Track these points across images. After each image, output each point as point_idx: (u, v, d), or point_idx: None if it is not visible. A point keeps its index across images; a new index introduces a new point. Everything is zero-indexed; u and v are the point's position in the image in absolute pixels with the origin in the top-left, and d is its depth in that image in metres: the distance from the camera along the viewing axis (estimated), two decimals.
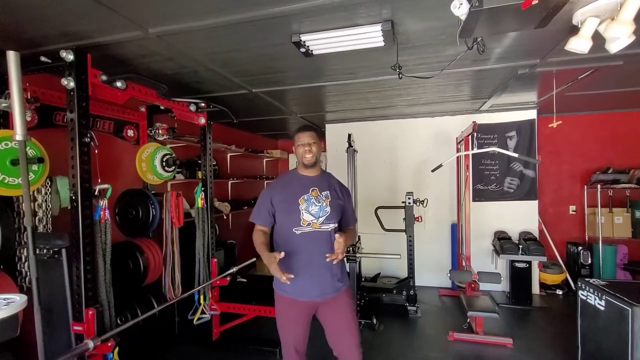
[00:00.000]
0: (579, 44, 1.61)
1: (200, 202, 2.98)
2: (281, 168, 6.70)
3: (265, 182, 5.83)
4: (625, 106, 4.24)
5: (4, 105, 1.80)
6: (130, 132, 2.92)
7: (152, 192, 2.94)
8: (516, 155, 3.49)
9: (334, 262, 1.73)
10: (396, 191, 4.56)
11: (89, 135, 1.88)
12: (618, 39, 1.50)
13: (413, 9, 1.68)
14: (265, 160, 6.26)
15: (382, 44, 2.01)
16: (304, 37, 1.92)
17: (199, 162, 3.25)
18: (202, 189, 3.03)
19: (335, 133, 4.86)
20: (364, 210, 4.34)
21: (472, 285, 3.62)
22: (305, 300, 1.77)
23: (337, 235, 1.68)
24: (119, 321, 2.25)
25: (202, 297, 2.93)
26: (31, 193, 2.02)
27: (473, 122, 3.43)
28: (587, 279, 2.40)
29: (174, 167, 3.03)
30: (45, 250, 2.08)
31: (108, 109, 2.70)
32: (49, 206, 2.19)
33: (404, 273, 3.97)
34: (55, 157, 2.00)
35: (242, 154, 5.17)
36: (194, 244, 2.95)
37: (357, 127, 4.58)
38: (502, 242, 3.87)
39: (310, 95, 3.38)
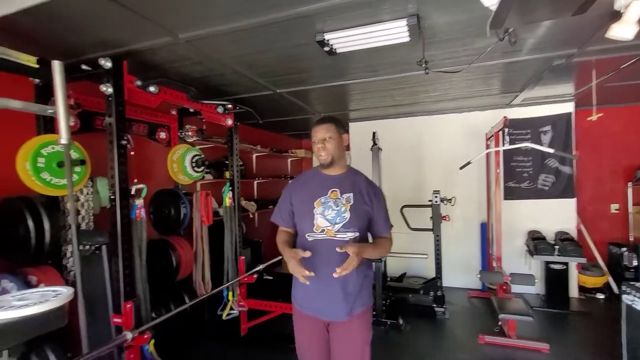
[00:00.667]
0: (623, 31, 1.51)
1: (228, 201, 3.06)
2: (305, 167, 6.74)
3: (290, 182, 5.88)
4: None
5: (50, 111, 1.94)
6: (163, 135, 3.05)
7: (183, 191, 3.05)
8: (552, 150, 3.30)
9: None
10: (422, 189, 4.46)
11: (126, 138, 1.99)
12: None
13: (439, 2, 1.64)
14: (289, 159, 6.33)
15: (408, 39, 1.97)
16: (327, 36, 1.92)
17: (227, 162, 3.34)
18: (230, 188, 3.11)
19: (359, 131, 4.81)
20: (389, 208, 4.24)
21: (504, 287, 3.48)
22: (313, 316, 1.57)
23: (349, 245, 1.40)
24: (153, 315, 2.36)
25: (230, 293, 3.02)
26: (74, 193, 2.16)
27: (504, 117, 3.29)
28: (632, 283, 2.24)
29: (203, 168, 3.14)
30: (87, 247, 2.22)
31: (142, 113, 2.83)
32: (90, 205, 2.34)
33: (430, 273, 3.89)
34: (95, 159, 2.13)
35: (267, 154, 5.25)
36: (222, 241, 3.03)
37: (381, 125, 4.53)
38: (536, 242, 3.69)
39: (333, 93, 3.38)
